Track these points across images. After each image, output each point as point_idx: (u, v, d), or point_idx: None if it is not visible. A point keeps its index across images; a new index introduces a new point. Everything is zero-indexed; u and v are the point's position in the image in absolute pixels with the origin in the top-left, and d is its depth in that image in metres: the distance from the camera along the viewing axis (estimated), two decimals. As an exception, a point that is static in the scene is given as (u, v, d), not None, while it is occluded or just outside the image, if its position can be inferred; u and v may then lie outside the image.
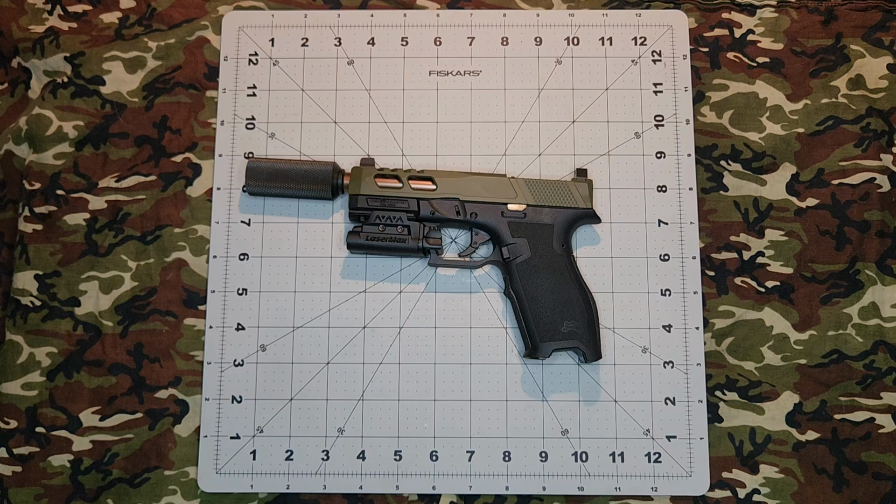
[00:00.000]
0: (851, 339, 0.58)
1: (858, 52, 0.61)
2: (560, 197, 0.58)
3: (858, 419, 0.57)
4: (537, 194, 0.58)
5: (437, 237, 0.58)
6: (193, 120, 0.61)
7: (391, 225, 0.57)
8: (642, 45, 0.62)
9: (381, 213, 0.57)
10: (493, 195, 0.58)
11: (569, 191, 0.58)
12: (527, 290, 0.56)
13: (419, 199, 0.57)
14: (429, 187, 0.58)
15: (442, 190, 0.58)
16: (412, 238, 0.57)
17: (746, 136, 0.60)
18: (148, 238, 0.59)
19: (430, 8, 0.63)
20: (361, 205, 0.57)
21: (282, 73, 0.62)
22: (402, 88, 0.62)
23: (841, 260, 0.59)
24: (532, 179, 0.58)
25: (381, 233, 0.57)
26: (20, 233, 0.59)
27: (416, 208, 0.57)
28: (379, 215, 0.57)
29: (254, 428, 0.57)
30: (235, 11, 0.63)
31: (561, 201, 0.58)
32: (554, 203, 0.58)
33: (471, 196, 0.58)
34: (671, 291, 0.58)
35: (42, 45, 0.62)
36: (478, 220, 0.58)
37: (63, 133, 0.61)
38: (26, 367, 0.58)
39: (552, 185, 0.58)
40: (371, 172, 0.58)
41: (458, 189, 0.58)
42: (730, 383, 0.57)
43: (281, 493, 0.56)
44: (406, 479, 0.56)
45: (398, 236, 0.57)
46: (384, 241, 0.57)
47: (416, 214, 0.57)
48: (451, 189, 0.58)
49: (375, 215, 0.57)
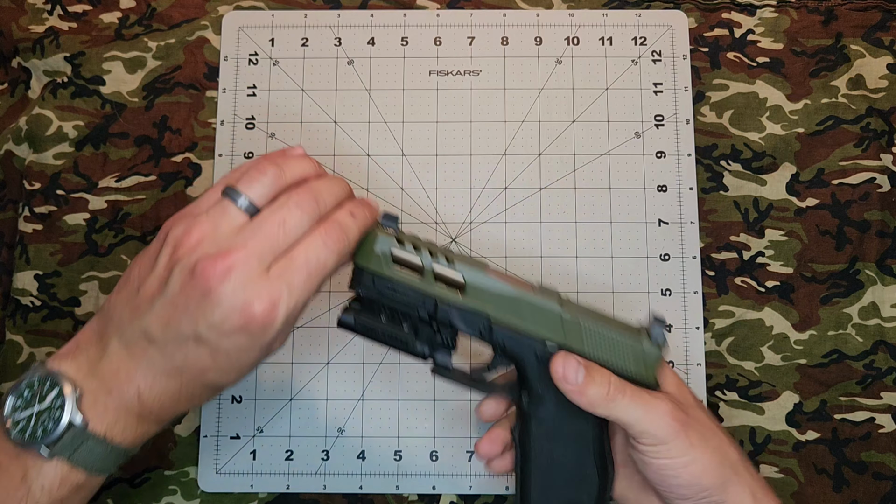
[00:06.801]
0: (851, 339, 0.58)
1: (858, 52, 0.61)
2: (618, 355, 0.44)
3: (858, 419, 0.57)
4: (590, 341, 0.44)
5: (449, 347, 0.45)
6: (193, 120, 0.61)
7: (396, 319, 0.45)
8: (642, 45, 0.62)
9: (388, 304, 0.44)
10: (532, 324, 0.44)
11: (631, 351, 0.44)
12: (536, 451, 0.45)
13: (439, 300, 0.44)
14: (454, 292, 0.44)
15: (471, 299, 0.44)
16: (419, 342, 0.45)
17: (746, 136, 0.60)
18: (148, 238, 0.59)
19: (430, 8, 0.63)
20: (366, 283, 0.44)
21: (282, 73, 0.62)
22: (402, 88, 0.62)
23: (841, 260, 0.59)
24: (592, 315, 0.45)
25: (382, 325, 0.45)
26: (20, 233, 0.59)
27: (432, 310, 0.44)
28: (384, 304, 0.44)
29: (254, 428, 0.57)
30: (235, 11, 0.63)
31: (616, 361, 0.44)
32: (606, 360, 0.44)
33: (504, 317, 0.44)
34: (671, 291, 0.58)
35: (42, 45, 0.62)
36: (505, 349, 0.45)
37: (63, 133, 0.61)
38: (26, 367, 0.58)
39: (614, 335, 0.44)
40: (388, 243, 0.43)
41: (492, 303, 0.44)
42: (730, 383, 0.58)
43: (281, 493, 0.56)
44: (406, 479, 0.56)
45: (401, 335, 0.45)
46: (382, 336, 0.45)
47: (430, 316, 0.44)
48: (483, 300, 0.44)
49: (380, 302, 0.44)
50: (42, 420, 0.39)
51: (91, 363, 0.41)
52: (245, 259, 0.38)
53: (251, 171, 0.41)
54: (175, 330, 0.39)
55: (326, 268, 0.41)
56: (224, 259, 0.38)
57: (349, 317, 0.45)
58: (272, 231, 0.40)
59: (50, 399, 0.40)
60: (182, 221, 0.40)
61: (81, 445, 0.40)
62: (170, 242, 0.40)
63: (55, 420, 0.39)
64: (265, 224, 0.40)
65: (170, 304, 0.39)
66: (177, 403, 0.42)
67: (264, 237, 0.39)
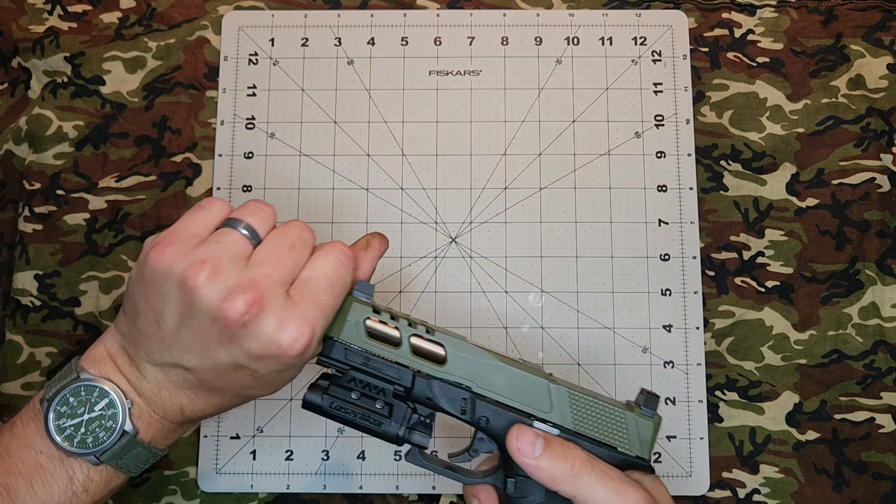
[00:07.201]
0: (851, 339, 0.58)
1: (858, 52, 0.61)
2: (610, 430, 0.41)
3: (858, 419, 0.57)
4: (580, 416, 0.41)
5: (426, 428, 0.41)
6: (193, 120, 0.61)
7: (369, 396, 0.40)
8: (642, 45, 0.62)
9: (360, 378, 0.40)
10: (518, 399, 0.41)
11: (625, 426, 0.41)
12: None
13: (416, 373, 0.40)
14: (434, 364, 0.41)
15: (452, 369, 0.41)
16: (393, 422, 0.40)
17: (746, 136, 0.60)
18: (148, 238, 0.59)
19: (430, 8, 0.63)
20: (337, 356, 0.40)
21: (282, 73, 0.62)
22: (402, 88, 0.62)
23: (841, 260, 0.59)
24: (581, 391, 0.41)
25: (353, 402, 0.40)
26: (20, 233, 0.59)
27: (409, 384, 0.40)
28: (356, 379, 0.40)
29: (254, 428, 0.57)
30: (235, 11, 0.63)
31: (608, 436, 0.41)
32: (598, 436, 0.41)
33: (488, 389, 0.41)
34: (671, 291, 0.58)
35: (42, 45, 0.62)
36: (488, 427, 0.41)
37: (63, 133, 0.61)
38: (26, 367, 0.58)
39: (605, 409, 0.41)
40: (363, 312, 0.40)
41: (475, 373, 0.41)
42: (730, 383, 0.58)
43: (281, 493, 0.56)
44: (406, 479, 0.56)
45: (374, 415, 0.40)
46: (353, 416, 0.40)
47: (406, 391, 0.40)
48: (465, 371, 0.41)
49: (351, 376, 0.40)
50: (92, 429, 0.40)
51: (131, 381, 0.41)
52: (272, 288, 0.38)
53: (249, 205, 0.41)
54: (212, 360, 0.39)
55: (346, 285, 0.40)
56: (253, 291, 0.37)
57: (316, 395, 0.41)
58: (285, 256, 0.39)
59: (100, 408, 0.40)
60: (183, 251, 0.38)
61: (129, 452, 0.40)
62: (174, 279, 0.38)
63: (107, 430, 0.40)
64: (278, 248, 0.39)
65: (202, 338, 0.38)
66: (218, 411, 0.43)
67: (281, 263, 0.39)
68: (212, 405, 0.42)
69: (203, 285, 0.37)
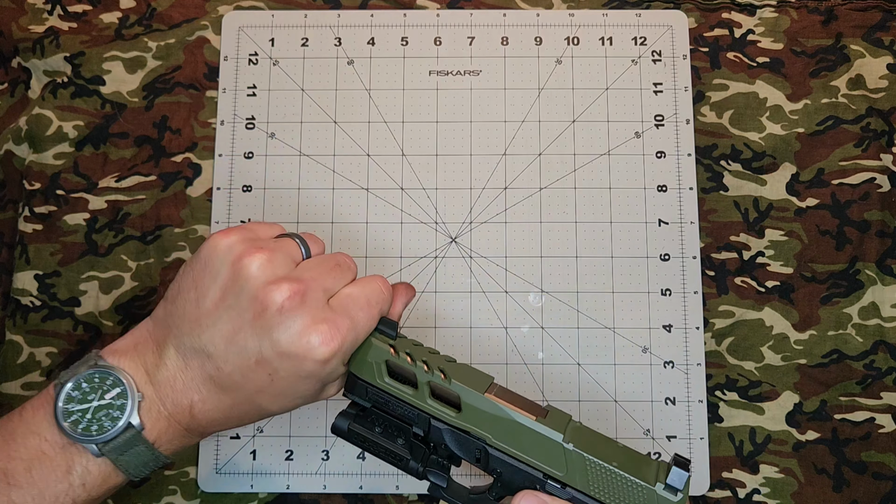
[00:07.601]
0: (851, 339, 0.58)
1: (858, 52, 0.61)
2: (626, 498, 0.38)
3: (858, 419, 0.57)
4: (597, 484, 0.39)
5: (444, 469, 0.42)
6: (193, 120, 0.61)
7: (390, 436, 0.42)
8: (642, 45, 0.62)
9: (380, 417, 0.42)
10: (532, 455, 0.40)
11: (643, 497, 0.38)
12: None
13: (432, 419, 0.41)
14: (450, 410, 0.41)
15: (467, 419, 0.40)
16: (413, 460, 0.42)
17: (746, 136, 0.60)
18: (148, 238, 0.59)
19: (430, 8, 0.63)
20: (359, 393, 0.42)
21: (282, 73, 0.62)
22: (402, 88, 0.62)
23: (841, 260, 0.59)
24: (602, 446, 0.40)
25: (376, 438, 0.42)
26: (20, 233, 0.59)
27: (426, 428, 0.41)
28: (377, 417, 0.42)
29: (254, 428, 0.57)
30: (235, 11, 0.63)
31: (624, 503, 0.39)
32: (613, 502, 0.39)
33: (502, 444, 0.40)
34: (671, 291, 0.58)
35: (42, 45, 0.62)
36: (501, 479, 0.41)
37: (63, 133, 0.61)
38: (26, 366, 0.58)
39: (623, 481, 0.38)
40: (383, 353, 0.41)
41: (491, 427, 0.40)
42: (730, 383, 0.58)
43: (281, 492, 0.56)
44: (406, 480, 0.56)
45: (396, 451, 0.42)
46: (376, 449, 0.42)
47: (424, 434, 0.42)
48: (481, 423, 0.40)
49: (373, 414, 0.43)
50: (99, 417, 0.40)
51: (149, 369, 0.41)
52: (316, 289, 0.40)
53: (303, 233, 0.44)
54: (239, 346, 0.40)
55: (381, 310, 0.43)
56: (298, 283, 0.39)
57: (343, 422, 0.43)
58: (331, 269, 0.42)
59: (110, 397, 0.40)
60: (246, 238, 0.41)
61: (131, 449, 0.40)
62: (229, 257, 0.40)
63: (113, 419, 0.40)
64: (325, 261, 0.42)
65: (236, 320, 0.40)
66: (225, 421, 0.43)
67: (327, 272, 0.42)
68: (221, 408, 0.42)
69: (255, 266, 0.40)
